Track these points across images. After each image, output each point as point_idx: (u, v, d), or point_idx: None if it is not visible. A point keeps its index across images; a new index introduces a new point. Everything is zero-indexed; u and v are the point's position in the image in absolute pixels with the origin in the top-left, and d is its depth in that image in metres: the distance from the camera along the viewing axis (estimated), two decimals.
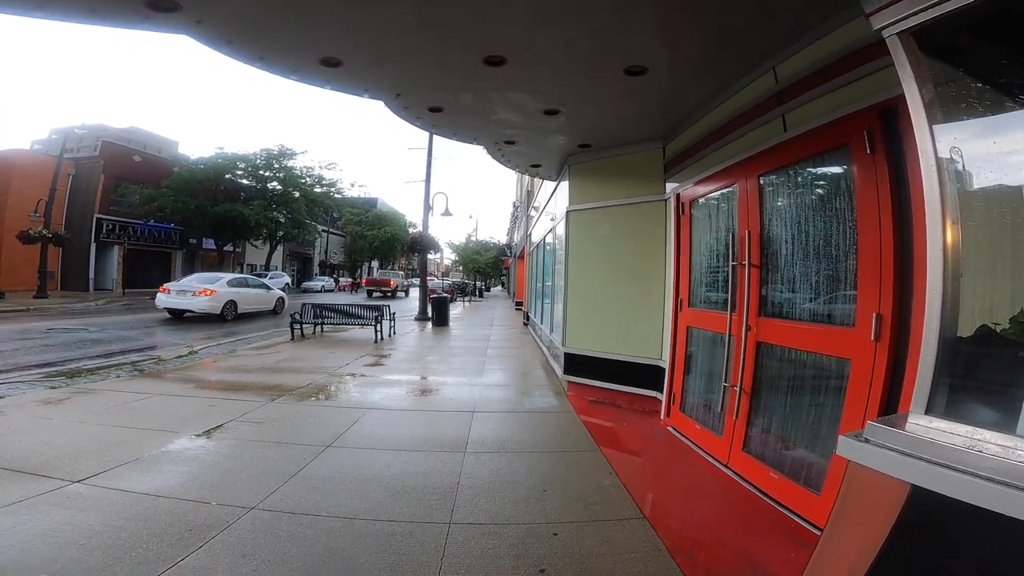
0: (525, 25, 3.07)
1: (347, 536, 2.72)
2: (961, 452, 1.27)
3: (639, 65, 3.56)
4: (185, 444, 4.09)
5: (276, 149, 32.05)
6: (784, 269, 3.43)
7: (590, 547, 2.70)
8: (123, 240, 28.03)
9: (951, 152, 1.52)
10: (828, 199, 3.12)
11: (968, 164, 1.53)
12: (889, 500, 1.35)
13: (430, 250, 17.77)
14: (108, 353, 8.75)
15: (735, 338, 3.76)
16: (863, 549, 1.39)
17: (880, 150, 2.55)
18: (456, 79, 3.99)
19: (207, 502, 3.04)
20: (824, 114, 2.93)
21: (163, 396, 5.60)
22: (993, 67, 1.45)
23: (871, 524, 1.40)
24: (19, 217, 21.89)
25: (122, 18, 2.94)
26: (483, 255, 44.25)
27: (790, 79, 3.24)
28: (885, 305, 2.54)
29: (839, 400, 2.81)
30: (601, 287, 6.15)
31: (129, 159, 28.76)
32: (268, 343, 10.34)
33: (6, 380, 6.19)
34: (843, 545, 1.48)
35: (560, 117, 4.86)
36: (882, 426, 1.43)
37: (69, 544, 2.51)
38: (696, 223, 4.82)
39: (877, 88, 2.49)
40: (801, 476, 3.08)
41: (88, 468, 3.45)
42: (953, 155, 1.45)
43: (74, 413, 4.83)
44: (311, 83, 3.87)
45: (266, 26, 3.16)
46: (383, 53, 3.52)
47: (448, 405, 5.74)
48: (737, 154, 3.85)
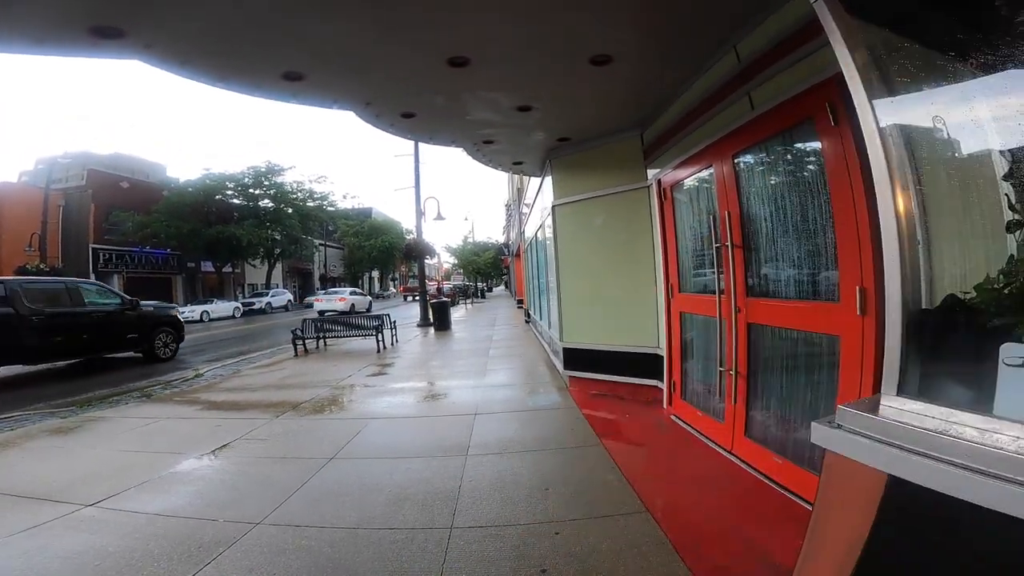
0: (483, 24, 3.05)
1: (350, 546, 2.75)
2: (935, 437, 1.19)
3: (603, 54, 3.53)
4: (193, 464, 4.16)
5: (264, 166, 32.05)
6: (766, 248, 3.40)
7: (592, 544, 2.68)
8: (121, 269, 28.08)
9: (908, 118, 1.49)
10: (801, 174, 3.09)
11: (924, 132, 1.51)
12: (869, 490, 1.28)
13: (426, 255, 17.78)
14: (116, 382, 8.76)
15: (726, 321, 3.73)
16: (850, 543, 1.32)
17: (844, 122, 2.51)
18: (423, 83, 3.96)
19: (215, 519, 3.11)
20: (786, 89, 2.89)
21: (170, 419, 5.68)
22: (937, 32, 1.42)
23: (854, 517, 1.32)
24: (15, 251, 21.86)
25: (69, 47, 2.93)
26: (481, 256, 44.25)
27: (750, 57, 3.21)
28: (867, 278, 2.49)
29: (833, 378, 2.76)
30: (593, 279, 6.13)
31: (117, 186, 28.76)
32: (272, 360, 10.35)
33: (19, 413, 6.22)
34: (830, 539, 1.42)
35: (535, 113, 4.83)
36: (852, 410, 1.36)
37: (84, 566, 2.61)
38: (679, 207, 4.79)
39: (833, 58, 2.45)
40: (804, 459, 3.01)
41: (100, 492, 3.55)
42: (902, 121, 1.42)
43: (85, 439, 4.96)
44: (277, 99, 3.85)
45: (221, 44, 3.14)
46: (345, 63, 3.50)
47: (450, 409, 5.74)
48: (710, 136, 3.82)
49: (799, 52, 2.72)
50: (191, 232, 28.25)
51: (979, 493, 1.07)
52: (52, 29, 2.76)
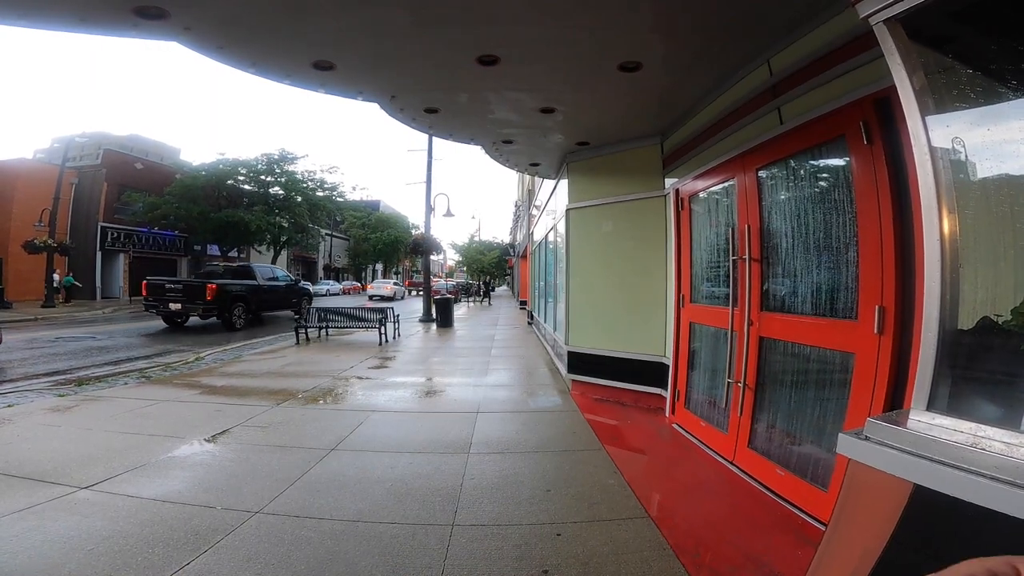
0: (517, 23, 3.05)
1: (350, 539, 2.73)
2: (964, 449, 1.23)
3: (633, 61, 3.53)
4: (191, 449, 4.12)
5: (277, 154, 32.05)
6: (785, 263, 3.39)
7: (593, 547, 2.68)
8: (128, 248, 28.19)
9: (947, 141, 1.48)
10: (827, 191, 3.08)
11: (966, 153, 1.50)
12: (891, 499, 1.32)
13: (432, 251, 17.80)
14: (116, 360, 8.80)
15: (737, 333, 3.73)
16: (866, 550, 1.35)
17: (877, 140, 2.52)
18: (451, 79, 3.98)
19: (212, 506, 3.07)
20: (819, 105, 2.90)
21: (170, 402, 5.64)
22: (984, 54, 1.41)
23: (873, 524, 1.36)
24: (24, 227, 21.93)
25: (111, 26, 2.94)
26: (486, 255, 44.24)
27: (784, 71, 3.21)
28: (888, 297, 2.50)
29: (844, 395, 2.77)
30: (603, 284, 6.13)
31: (131, 167, 28.92)
32: (274, 348, 10.37)
33: (15, 389, 6.24)
34: (846, 545, 1.45)
35: (557, 115, 4.84)
36: (882, 423, 1.40)
37: (76, 549, 2.54)
38: (696, 218, 4.78)
39: (871, 78, 2.45)
40: (808, 472, 3.04)
41: (96, 474, 3.49)
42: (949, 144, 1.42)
43: (82, 420, 4.88)
44: (305, 87, 3.86)
45: (257, 30, 3.15)
46: (376, 55, 3.51)
47: (452, 406, 5.74)
48: (735, 148, 3.82)
49: (837, 69, 2.72)
50: (200, 215, 28.32)
51: (1005, 502, 1.11)
52: (97, 7, 2.77)
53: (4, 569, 2.35)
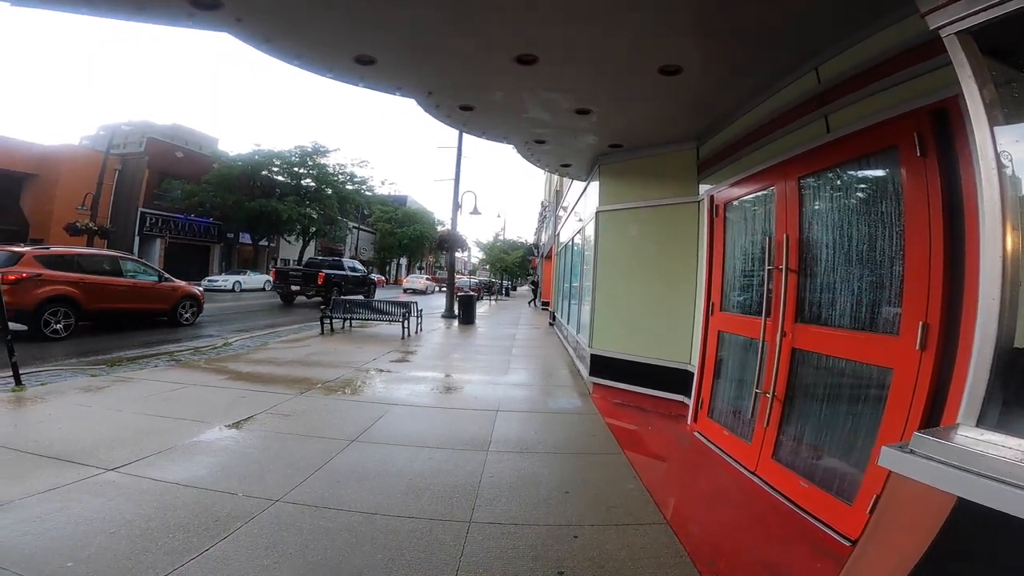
0: (558, 23, 3.04)
1: (368, 531, 2.74)
2: (1012, 465, 1.21)
3: (674, 64, 3.48)
4: (215, 435, 4.18)
5: (310, 147, 32.77)
6: (823, 274, 3.30)
7: (610, 551, 2.65)
8: (165, 234, 29.18)
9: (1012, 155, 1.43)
10: (873, 203, 2.98)
11: None
12: (932, 513, 1.31)
13: (458, 248, 17.88)
14: (145, 343, 9.08)
15: (768, 344, 3.64)
16: (900, 562, 1.35)
17: (931, 152, 2.43)
18: (488, 77, 3.98)
19: (234, 493, 3.10)
20: (871, 115, 2.81)
21: (197, 387, 5.77)
22: None
23: (913, 535, 1.36)
24: (67, 210, 22.89)
25: (167, 15, 3.03)
26: (510, 255, 44.25)
27: (834, 79, 3.12)
28: (933, 314, 2.42)
29: (878, 410, 2.70)
30: (630, 288, 6.06)
31: (172, 155, 29.92)
32: (299, 336, 10.56)
33: (51, 368, 6.47)
34: (882, 554, 1.45)
35: (592, 117, 4.80)
36: (929, 437, 1.38)
37: (98, 532, 2.56)
38: (730, 225, 4.69)
39: (929, 89, 2.37)
40: (833, 486, 2.98)
41: (123, 456, 3.53)
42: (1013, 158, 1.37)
43: (113, 401, 5.00)
44: (345, 81, 3.92)
45: (303, 24, 3.21)
46: (416, 51, 3.54)
47: (472, 403, 5.74)
48: (775, 156, 3.73)
49: (892, 79, 2.64)
50: (235, 203, 29.14)
51: None
52: None
53: (25, 550, 2.36)
